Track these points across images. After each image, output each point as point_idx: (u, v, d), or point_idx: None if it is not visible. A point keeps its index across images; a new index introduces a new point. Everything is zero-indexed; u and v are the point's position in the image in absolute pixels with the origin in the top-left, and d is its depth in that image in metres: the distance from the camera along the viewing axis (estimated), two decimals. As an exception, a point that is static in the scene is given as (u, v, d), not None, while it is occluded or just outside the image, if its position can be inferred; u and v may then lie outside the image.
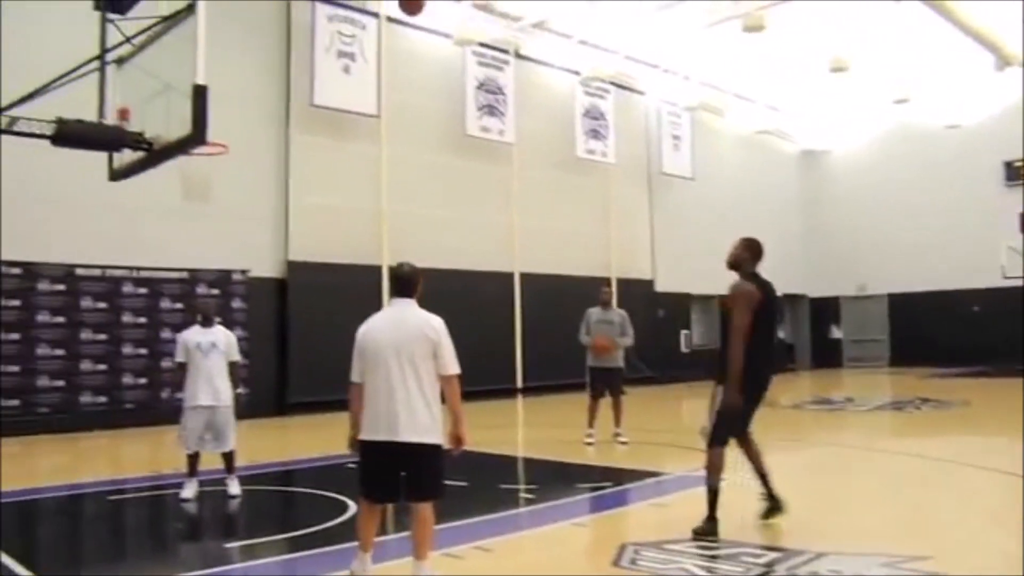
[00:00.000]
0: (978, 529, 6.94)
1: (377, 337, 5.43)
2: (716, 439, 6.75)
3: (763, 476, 6.84)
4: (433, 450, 5.35)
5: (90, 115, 7.74)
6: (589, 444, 11.78)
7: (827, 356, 31.32)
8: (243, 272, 16.54)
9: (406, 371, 5.32)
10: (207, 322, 8.77)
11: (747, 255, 6.97)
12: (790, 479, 6.85)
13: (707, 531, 6.48)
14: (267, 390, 16.42)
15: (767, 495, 6.83)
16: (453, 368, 5.44)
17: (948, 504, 7.89)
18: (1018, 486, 8.76)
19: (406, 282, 5.61)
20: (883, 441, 12.88)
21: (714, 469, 6.71)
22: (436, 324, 5.46)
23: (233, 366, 8.70)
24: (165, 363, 15.34)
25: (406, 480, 5.35)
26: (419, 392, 5.31)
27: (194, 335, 8.65)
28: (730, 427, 6.76)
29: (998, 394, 19.73)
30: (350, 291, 16.70)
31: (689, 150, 26.44)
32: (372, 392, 5.37)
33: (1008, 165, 27.57)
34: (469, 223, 20.20)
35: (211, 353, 8.53)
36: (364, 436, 5.39)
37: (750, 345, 6.55)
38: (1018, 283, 25.19)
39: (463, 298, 18.86)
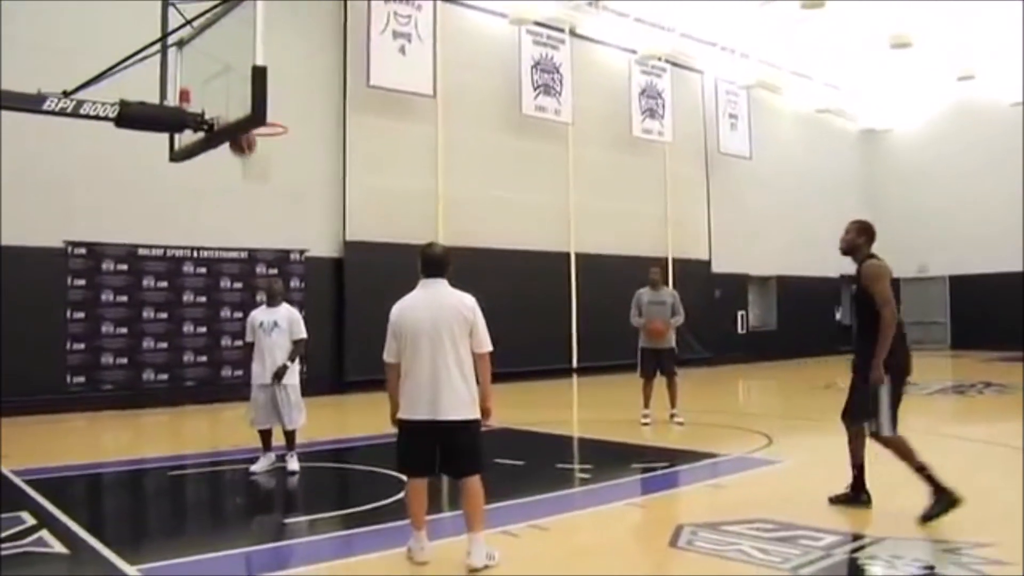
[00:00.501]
0: (1043, 515, 6.80)
1: (415, 317, 5.52)
2: (886, 424, 6.56)
3: (859, 467, 6.81)
4: (472, 426, 5.48)
5: (152, 97, 7.83)
6: (645, 424, 11.75)
7: (887, 338, 30.74)
8: (301, 252, 16.73)
9: (446, 350, 5.42)
10: (272, 301, 8.90)
11: (862, 239, 7.02)
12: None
13: (939, 512, 6.26)
14: (324, 369, 16.60)
15: (859, 483, 6.81)
16: (487, 346, 5.56)
17: (1012, 491, 7.73)
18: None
19: (438, 262, 5.70)
20: (945, 425, 12.66)
21: (908, 452, 6.52)
22: (470, 303, 5.56)
23: (297, 344, 8.78)
24: (224, 342, 15.62)
25: (446, 457, 5.47)
26: (458, 370, 5.43)
27: (259, 314, 8.82)
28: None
29: (1064, 378, 19.28)
30: (406, 271, 16.55)
31: (746, 129, 26.11)
32: (411, 371, 5.46)
33: (1074, 143, 26.80)
34: (525, 203, 20.17)
35: (273, 332, 8.65)
36: (404, 415, 5.50)
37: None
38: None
39: (519, 278, 18.96)
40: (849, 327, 30.74)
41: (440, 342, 5.42)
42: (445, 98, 18.61)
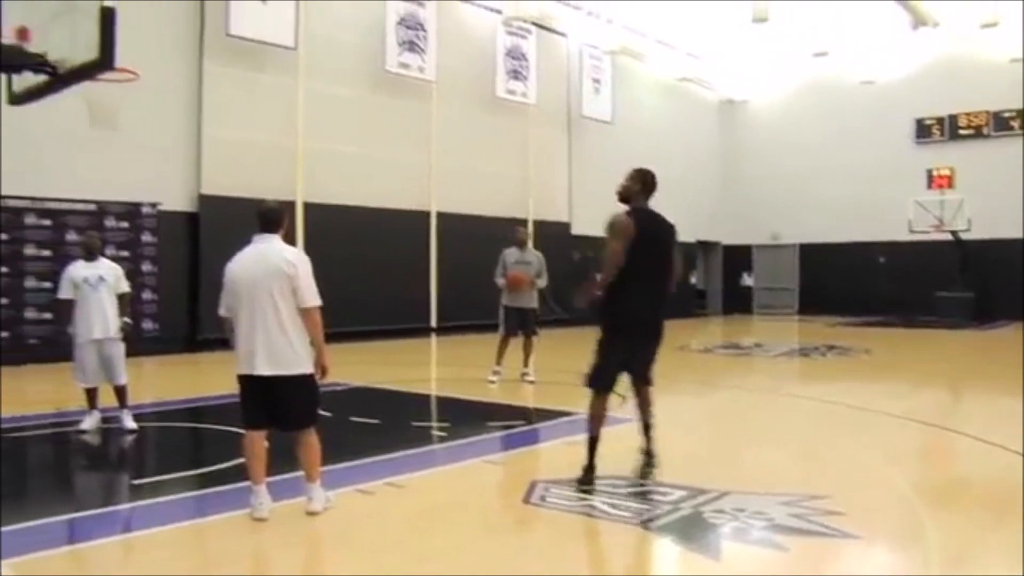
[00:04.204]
0: (874, 469, 7.19)
1: (239, 273, 5.63)
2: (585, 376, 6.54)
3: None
4: (296, 381, 5.52)
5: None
6: (492, 382, 11.88)
7: (738, 303, 31.92)
8: (153, 205, 16.08)
9: (265, 307, 5.48)
10: (91, 256, 8.82)
11: (637, 186, 6.84)
12: (699, 420, 6.98)
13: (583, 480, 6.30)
14: (178, 326, 16.10)
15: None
16: (312, 301, 5.56)
17: (847, 446, 8.15)
18: (912, 429, 9.12)
19: (268, 218, 5.80)
20: (788, 385, 13.24)
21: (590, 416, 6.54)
22: (293, 258, 5.58)
23: (122, 298, 8.81)
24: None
25: (273, 410, 5.56)
26: (278, 327, 5.47)
27: (81, 270, 8.68)
28: (596, 373, 6.51)
29: (899, 343, 20.42)
30: (264, 227, 16.39)
31: (609, 94, 26.40)
32: (237, 327, 5.61)
33: (919, 123, 28.35)
34: (387, 161, 19.90)
35: (100, 286, 8.60)
36: (237, 370, 5.62)
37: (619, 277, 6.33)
38: (923, 237, 26.15)
39: (379, 236, 18.82)
40: (704, 291, 31.83)
41: (259, 298, 5.49)
42: (307, 51, 18.14)
